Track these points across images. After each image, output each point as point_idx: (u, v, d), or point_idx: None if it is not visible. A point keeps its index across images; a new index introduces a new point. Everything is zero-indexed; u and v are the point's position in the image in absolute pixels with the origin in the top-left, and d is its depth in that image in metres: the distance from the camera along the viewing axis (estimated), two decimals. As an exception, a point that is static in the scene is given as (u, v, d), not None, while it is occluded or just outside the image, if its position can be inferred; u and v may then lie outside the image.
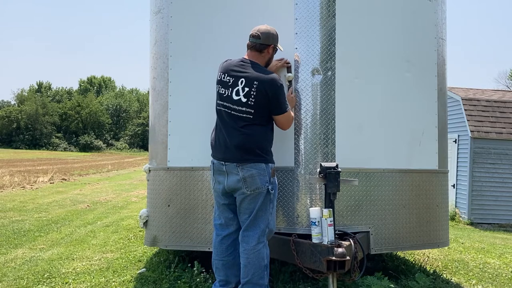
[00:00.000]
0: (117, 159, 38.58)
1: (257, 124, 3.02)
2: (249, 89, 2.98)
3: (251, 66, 3.06)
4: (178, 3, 3.83)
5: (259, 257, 2.99)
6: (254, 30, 3.13)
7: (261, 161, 3.00)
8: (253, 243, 3.00)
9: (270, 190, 3.01)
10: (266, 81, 2.98)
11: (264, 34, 3.09)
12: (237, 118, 3.01)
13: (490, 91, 12.68)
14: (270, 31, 3.13)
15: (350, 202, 3.47)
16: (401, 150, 3.72)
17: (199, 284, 3.59)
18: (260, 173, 2.98)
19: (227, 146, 3.03)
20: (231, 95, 3.02)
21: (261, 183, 2.98)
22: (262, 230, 3.02)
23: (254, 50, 3.13)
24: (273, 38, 3.14)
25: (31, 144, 64.79)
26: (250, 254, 2.99)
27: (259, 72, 3.03)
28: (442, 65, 4.11)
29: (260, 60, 3.14)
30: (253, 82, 2.98)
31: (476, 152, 10.12)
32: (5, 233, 6.21)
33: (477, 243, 6.82)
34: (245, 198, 3.01)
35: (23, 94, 76.38)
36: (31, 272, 4.25)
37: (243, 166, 2.98)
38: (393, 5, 3.75)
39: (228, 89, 3.04)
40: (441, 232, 3.94)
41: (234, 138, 3.01)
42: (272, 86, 2.99)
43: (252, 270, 2.98)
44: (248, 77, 3.00)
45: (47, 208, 8.99)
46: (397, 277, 4.02)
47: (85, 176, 19.17)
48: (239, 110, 3.00)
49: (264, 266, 3.01)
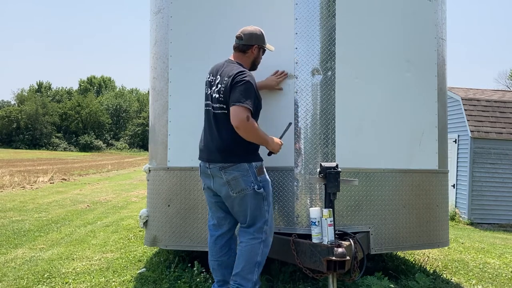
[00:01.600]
0: (117, 159, 38.58)
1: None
2: (221, 85, 2.99)
3: (230, 64, 3.08)
4: (178, 3, 3.83)
5: (251, 252, 2.97)
6: (239, 31, 3.14)
7: (243, 161, 2.95)
8: (248, 237, 3.00)
9: (257, 189, 2.95)
10: (235, 75, 2.93)
11: (247, 35, 3.10)
12: (217, 116, 3.01)
13: (490, 91, 12.68)
14: (254, 31, 3.12)
15: (350, 202, 3.47)
16: (401, 150, 3.72)
17: (199, 284, 3.59)
18: (243, 174, 2.94)
19: (210, 148, 3.05)
20: (212, 94, 3.06)
21: (245, 184, 2.94)
22: (259, 227, 3.01)
23: (238, 51, 3.14)
24: (256, 38, 3.12)
25: (31, 144, 64.79)
26: (244, 247, 2.99)
27: (235, 67, 3.01)
28: (442, 65, 4.11)
29: (245, 60, 3.14)
30: (224, 78, 2.98)
31: (476, 152, 10.12)
32: (5, 233, 6.20)
33: (477, 243, 6.82)
34: (233, 200, 3.00)
35: (23, 94, 76.38)
36: (31, 272, 4.25)
37: (225, 170, 2.95)
38: (393, 5, 3.75)
39: (211, 88, 3.09)
40: (441, 232, 3.94)
41: (215, 140, 3.01)
42: (236, 77, 2.91)
43: (243, 263, 2.96)
44: (222, 74, 3.03)
45: (47, 208, 8.99)
46: (397, 277, 4.02)
47: (85, 176, 19.17)
48: (216, 107, 3.01)
49: (256, 262, 2.97)
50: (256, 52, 3.17)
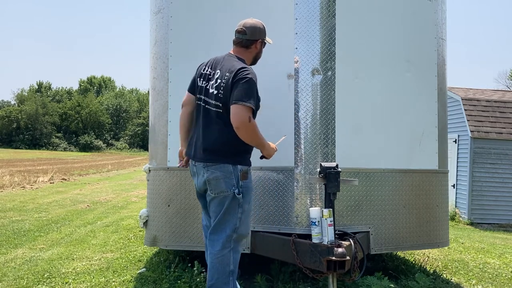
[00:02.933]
0: (117, 159, 38.58)
1: (225, 121, 2.78)
2: (221, 81, 2.80)
3: (232, 59, 2.90)
4: (178, 3, 3.83)
5: (223, 263, 2.84)
6: (239, 25, 2.94)
7: (228, 163, 2.80)
8: (217, 247, 2.85)
9: (236, 194, 2.80)
10: (235, 71, 2.75)
11: (250, 29, 2.92)
12: (210, 112, 2.85)
13: (490, 91, 12.67)
14: (257, 25, 2.96)
15: (350, 202, 3.47)
16: (401, 150, 3.72)
17: (199, 284, 3.59)
18: (225, 175, 2.79)
19: (197, 145, 2.91)
20: (208, 88, 2.88)
21: (226, 186, 2.79)
22: (228, 235, 2.85)
23: (240, 46, 2.96)
24: (260, 32, 2.97)
25: (31, 144, 64.79)
26: (214, 259, 2.85)
27: (236, 64, 2.83)
28: (442, 65, 4.11)
29: (247, 55, 2.98)
30: (224, 74, 2.80)
31: (476, 152, 10.12)
32: (5, 233, 6.20)
33: (477, 243, 6.82)
34: (211, 200, 2.88)
35: (23, 94, 76.37)
36: (31, 272, 4.25)
37: (208, 168, 2.82)
38: (393, 5, 3.75)
39: (208, 82, 2.91)
40: (441, 232, 3.94)
41: (204, 137, 2.86)
42: (238, 75, 2.73)
43: (216, 275, 2.85)
44: (222, 69, 2.84)
45: (47, 208, 8.99)
46: (397, 277, 4.02)
47: (85, 176, 19.17)
48: (211, 103, 2.84)
49: (229, 271, 2.86)
50: (259, 46, 3.03)
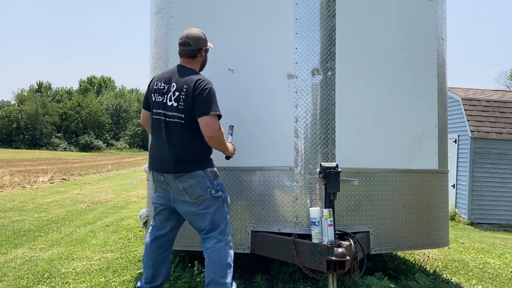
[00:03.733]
0: (117, 159, 38.58)
1: (189, 131, 2.94)
2: (179, 93, 2.94)
3: (185, 71, 3.04)
4: (178, 3, 3.83)
5: (220, 255, 2.97)
6: (181, 38, 3.08)
7: (197, 169, 2.95)
8: (213, 241, 2.99)
9: (214, 194, 2.98)
10: (195, 83, 2.92)
11: (193, 40, 3.06)
12: (171, 124, 2.96)
13: (490, 91, 12.68)
14: (198, 34, 3.10)
15: (350, 202, 3.47)
16: (401, 150, 3.72)
17: (199, 284, 3.59)
18: (199, 181, 2.95)
19: (163, 157, 3.00)
20: (166, 102, 2.98)
21: (202, 190, 2.95)
22: (222, 229, 3.01)
23: (187, 57, 3.09)
24: (202, 40, 3.12)
25: (31, 144, 64.78)
26: (211, 252, 2.98)
27: (191, 75, 2.99)
28: (442, 65, 4.11)
29: (196, 65, 3.12)
30: (183, 86, 2.94)
31: (476, 152, 10.12)
32: (5, 233, 6.20)
33: (477, 243, 6.83)
34: (190, 206, 2.99)
35: (23, 94, 76.35)
36: (31, 272, 4.25)
37: (180, 178, 2.95)
38: (393, 5, 3.75)
39: (163, 96, 3.01)
40: (441, 232, 3.94)
41: (168, 149, 2.95)
42: (199, 87, 2.90)
43: (214, 269, 2.95)
44: (178, 82, 2.98)
45: (47, 208, 8.99)
46: (397, 277, 4.02)
47: (85, 176, 19.16)
48: (172, 115, 2.96)
49: (227, 264, 2.97)
50: (205, 54, 3.17)
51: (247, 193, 3.50)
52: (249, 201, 3.49)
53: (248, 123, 3.53)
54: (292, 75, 3.44)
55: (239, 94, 3.57)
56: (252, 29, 3.57)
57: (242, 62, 3.58)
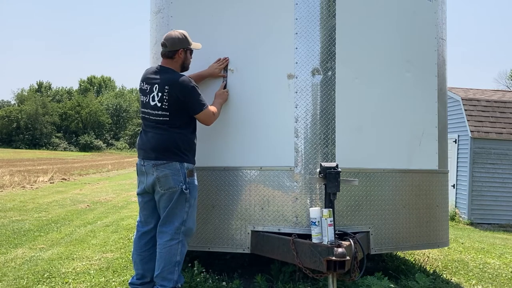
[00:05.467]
0: (117, 159, 38.61)
1: (176, 126, 3.15)
2: (162, 94, 3.13)
3: (163, 72, 3.22)
4: (178, 3, 3.83)
5: (170, 253, 3.11)
6: (162, 39, 3.26)
7: (176, 161, 3.11)
8: (166, 238, 3.13)
9: (184, 189, 3.11)
10: (176, 84, 3.12)
11: (169, 41, 3.22)
12: (156, 122, 3.17)
13: (490, 91, 12.67)
14: (176, 36, 3.24)
15: (350, 202, 3.47)
16: (401, 150, 3.72)
17: (199, 284, 3.59)
18: (173, 173, 3.10)
19: (146, 148, 3.20)
20: (149, 102, 3.19)
21: (174, 183, 3.10)
22: (177, 227, 3.14)
23: (166, 58, 3.28)
24: (180, 42, 3.24)
25: (31, 144, 64.75)
26: (162, 248, 3.13)
27: (170, 76, 3.17)
28: (442, 65, 4.11)
29: (174, 65, 3.28)
30: (164, 87, 3.13)
31: (476, 152, 10.11)
32: (5, 233, 6.20)
33: (477, 243, 6.83)
34: (161, 196, 3.15)
35: (23, 94, 76.34)
36: (31, 271, 4.25)
37: (158, 167, 3.12)
38: (393, 5, 3.75)
39: (146, 96, 3.21)
40: (441, 232, 3.94)
41: (151, 140, 3.17)
42: (183, 89, 3.12)
43: (163, 264, 3.11)
44: (160, 82, 3.16)
45: (47, 208, 8.99)
46: (397, 277, 4.02)
47: (85, 176, 19.17)
48: (156, 114, 3.16)
49: (176, 262, 3.12)
50: (183, 55, 3.30)
51: (247, 193, 3.50)
52: (249, 201, 3.49)
53: (248, 123, 3.53)
54: (292, 75, 3.44)
55: (239, 94, 3.57)
56: (252, 29, 3.58)
57: (242, 62, 3.59)
